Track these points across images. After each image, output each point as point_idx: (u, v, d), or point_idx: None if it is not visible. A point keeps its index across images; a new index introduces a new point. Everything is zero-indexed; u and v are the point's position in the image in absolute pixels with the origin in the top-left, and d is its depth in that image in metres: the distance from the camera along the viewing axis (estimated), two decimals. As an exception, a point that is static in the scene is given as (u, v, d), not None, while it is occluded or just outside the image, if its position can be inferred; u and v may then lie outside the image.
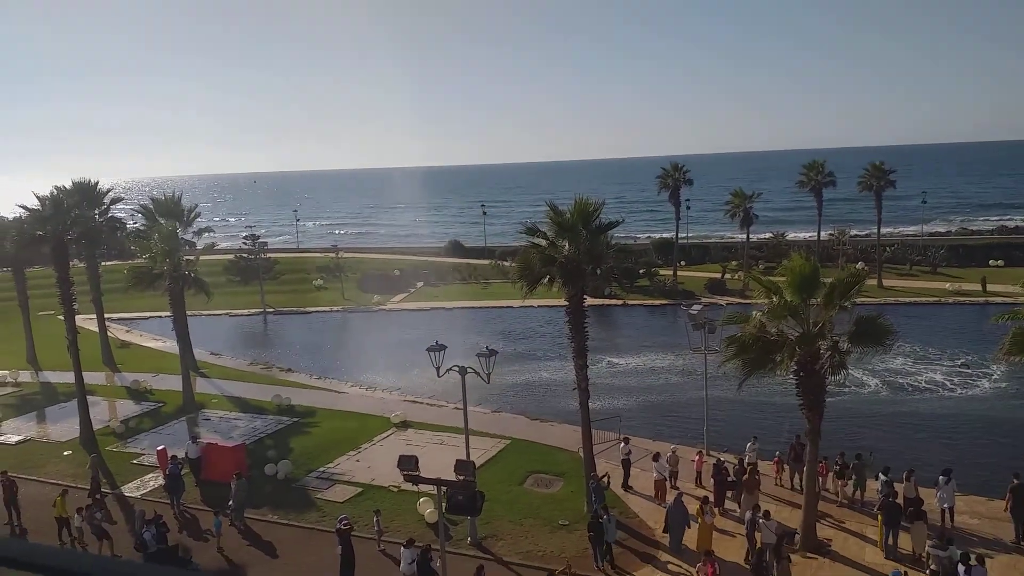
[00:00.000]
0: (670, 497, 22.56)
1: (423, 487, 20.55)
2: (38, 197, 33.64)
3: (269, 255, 65.64)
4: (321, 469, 26.79)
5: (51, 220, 32.09)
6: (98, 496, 24.82)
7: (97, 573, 0.69)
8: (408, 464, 17.34)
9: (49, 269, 37.39)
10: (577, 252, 23.04)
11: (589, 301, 25.29)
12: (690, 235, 75.80)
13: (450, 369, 21.86)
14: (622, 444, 25.59)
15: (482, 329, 48.64)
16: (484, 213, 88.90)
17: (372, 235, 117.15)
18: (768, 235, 72.01)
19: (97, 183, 43.14)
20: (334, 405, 33.72)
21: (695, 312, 27.86)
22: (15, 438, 30.88)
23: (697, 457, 25.52)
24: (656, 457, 24.51)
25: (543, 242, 23.84)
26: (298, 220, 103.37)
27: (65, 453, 29.15)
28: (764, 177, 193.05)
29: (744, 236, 60.45)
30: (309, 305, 58.01)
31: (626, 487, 24.91)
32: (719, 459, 24.70)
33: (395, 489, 24.35)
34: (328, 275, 64.59)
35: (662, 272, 61.61)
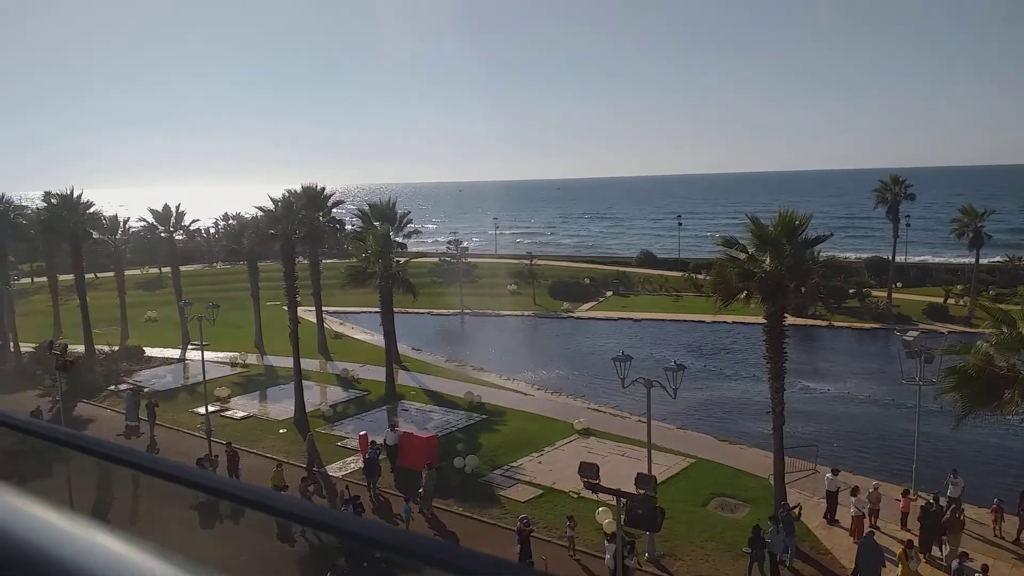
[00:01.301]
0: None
1: (603, 496, 20.45)
2: (272, 200, 37.44)
3: (469, 260, 68.52)
4: (505, 467, 27.49)
5: (282, 220, 35.64)
6: (313, 471, 27.19)
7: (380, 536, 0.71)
8: (589, 472, 17.35)
9: (277, 264, 41.40)
10: (779, 267, 21.91)
11: (790, 320, 24.00)
12: (908, 255, 69.51)
13: (635, 381, 21.62)
14: (829, 475, 23.90)
15: (670, 342, 47.65)
16: (679, 224, 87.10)
17: (561, 244, 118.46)
18: (1001, 259, 64.35)
19: (323, 188, 47.27)
20: (520, 406, 34.48)
21: (910, 339, 25.50)
22: (240, 413, 34.46)
23: (903, 497, 23.33)
24: (855, 492, 22.69)
25: (742, 255, 22.92)
26: (496, 228, 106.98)
27: (281, 431, 32.12)
28: (995, 194, 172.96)
29: (973, 258, 54.52)
30: (503, 308, 59.81)
31: (827, 519, 23.32)
32: (929, 500, 22.42)
33: (575, 495, 24.44)
34: (521, 281, 66.29)
35: (875, 293, 57.00)
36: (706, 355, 44.65)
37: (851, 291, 55.77)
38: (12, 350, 45.01)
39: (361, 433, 28.87)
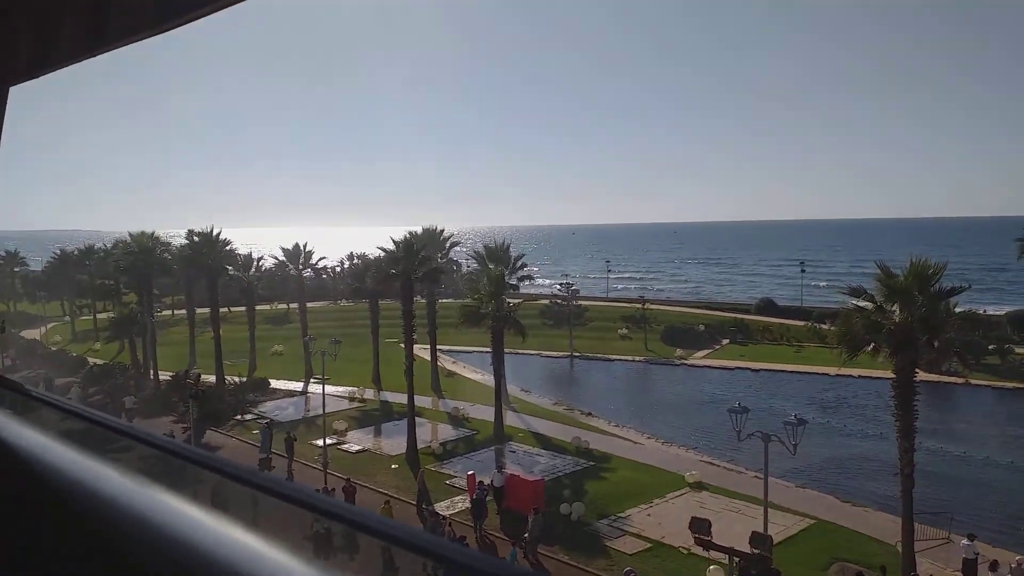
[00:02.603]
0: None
1: (714, 554, 19.64)
2: (394, 241, 38.80)
3: (580, 302, 68.40)
4: (612, 517, 26.87)
5: (402, 260, 36.87)
6: (422, 507, 27.52)
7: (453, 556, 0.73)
8: (701, 527, 16.73)
9: (397, 303, 42.69)
10: (910, 319, 20.70)
11: (921, 376, 22.53)
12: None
13: (752, 435, 20.79)
14: (965, 541, 22.07)
15: (791, 395, 45.60)
16: (802, 271, 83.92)
17: (663, 289, 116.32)
18: None
19: (442, 230, 48.76)
20: (629, 455, 33.76)
21: (1059, 401, 23.36)
22: (355, 447, 35.37)
23: (1054, 577, 21.12)
24: (994, 567, 20.78)
25: (869, 305, 21.82)
26: (609, 271, 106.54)
27: (393, 466, 32.72)
28: None
29: None
30: (612, 353, 59.18)
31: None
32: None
33: (684, 551, 23.53)
34: (632, 325, 65.45)
35: (1018, 351, 52.71)
36: (829, 410, 42.43)
37: (991, 347, 51.79)
38: (152, 377, 48.30)
39: (469, 473, 29.03)
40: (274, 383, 47.57)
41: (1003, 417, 41.45)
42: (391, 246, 38.69)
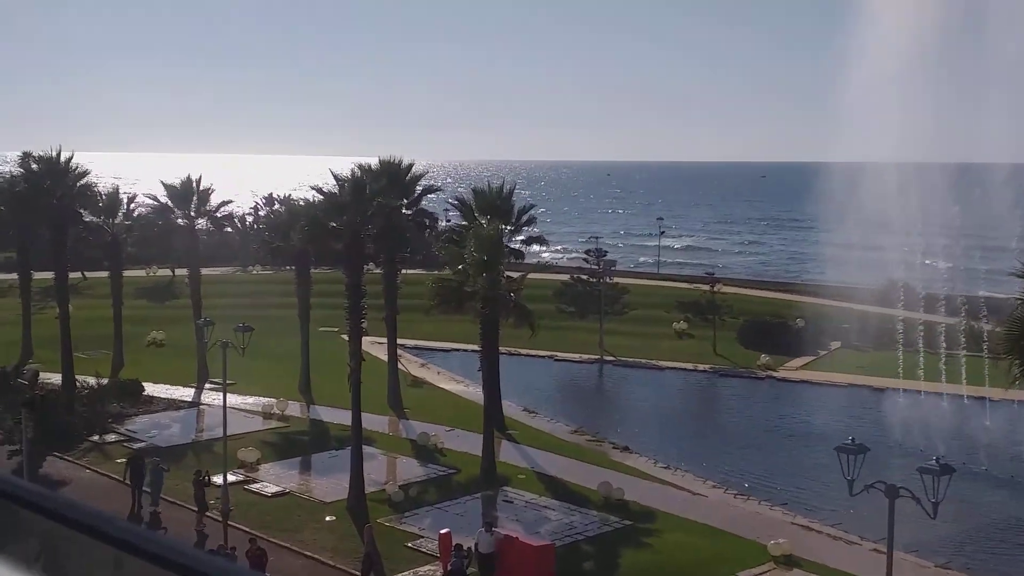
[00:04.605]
0: None
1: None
2: (336, 178, 38.37)
3: (616, 280, 68.12)
4: (657, 605, 27.08)
5: (349, 208, 36.38)
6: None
7: None
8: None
9: (338, 272, 42.35)
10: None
11: None
12: None
13: (871, 486, 20.80)
14: None
15: (933, 427, 45.69)
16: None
17: (747, 263, 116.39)
18: None
19: (410, 164, 47.94)
20: (683, 511, 33.93)
21: None
22: (272, 488, 35.42)
23: None
24: None
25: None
26: (662, 232, 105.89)
27: (327, 518, 32.80)
28: None
29: None
30: (664, 357, 59.19)
31: None
32: None
33: (766, 658, 23.73)
34: (695, 316, 65.33)
35: None
36: (991, 452, 42.47)
37: None
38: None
39: (443, 531, 29.10)
40: (150, 388, 47.45)
41: None
42: (332, 185, 38.43)
